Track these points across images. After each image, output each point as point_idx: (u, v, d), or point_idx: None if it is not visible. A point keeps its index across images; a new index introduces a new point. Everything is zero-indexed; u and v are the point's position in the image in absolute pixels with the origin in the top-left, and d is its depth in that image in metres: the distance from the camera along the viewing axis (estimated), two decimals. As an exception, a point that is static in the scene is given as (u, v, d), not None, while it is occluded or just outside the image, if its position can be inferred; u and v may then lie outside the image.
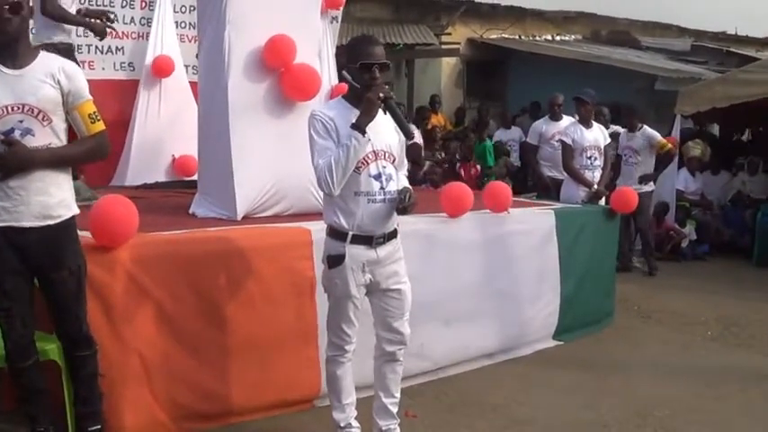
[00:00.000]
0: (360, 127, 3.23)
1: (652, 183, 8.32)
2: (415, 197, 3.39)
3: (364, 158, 3.32)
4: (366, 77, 3.30)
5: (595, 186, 6.79)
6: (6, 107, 3.10)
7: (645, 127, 8.35)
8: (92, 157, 3.42)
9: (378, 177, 3.35)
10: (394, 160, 3.45)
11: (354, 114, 3.29)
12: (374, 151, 3.35)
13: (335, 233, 3.42)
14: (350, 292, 3.41)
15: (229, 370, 3.95)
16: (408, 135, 3.40)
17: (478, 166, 9.53)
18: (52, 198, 3.24)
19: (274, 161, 4.67)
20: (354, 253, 3.38)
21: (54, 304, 3.37)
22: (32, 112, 3.14)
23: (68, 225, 3.32)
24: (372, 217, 3.37)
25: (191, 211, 4.90)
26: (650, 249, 8.47)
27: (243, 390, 3.98)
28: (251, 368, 4.02)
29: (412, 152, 6.31)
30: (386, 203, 3.38)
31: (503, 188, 5.47)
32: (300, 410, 4.15)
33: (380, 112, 3.32)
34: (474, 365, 4.99)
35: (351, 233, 3.36)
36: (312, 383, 4.08)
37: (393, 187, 3.39)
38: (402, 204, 3.34)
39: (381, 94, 3.24)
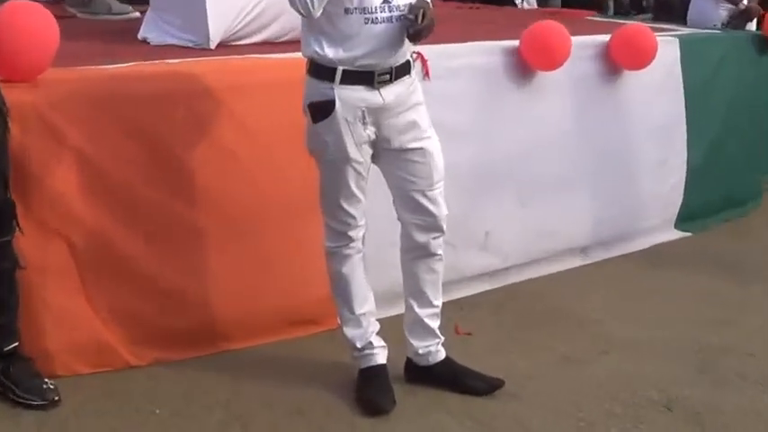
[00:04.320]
0: None
1: None
2: (432, 17, 2.53)
3: None
4: None
5: (744, 1, 5.08)
6: None
7: None
8: None
9: None
10: None
11: None
12: None
13: (319, 70, 2.60)
14: (347, 154, 2.61)
15: (207, 267, 2.93)
16: None
17: None
18: None
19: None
20: (348, 97, 2.55)
21: None
22: None
23: None
24: (372, 44, 2.54)
25: (140, 36, 3.85)
26: None
27: (231, 299, 2.98)
28: (240, 265, 2.97)
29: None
30: (393, 23, 2.52)
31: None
32: (328, 330, 3.03)
33: None
34: (559, 265, 3.87)
35: (341, 68, 2.54)
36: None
37: (403, 1, 2.55)
38: (413, 27, 2.46)
39: None
